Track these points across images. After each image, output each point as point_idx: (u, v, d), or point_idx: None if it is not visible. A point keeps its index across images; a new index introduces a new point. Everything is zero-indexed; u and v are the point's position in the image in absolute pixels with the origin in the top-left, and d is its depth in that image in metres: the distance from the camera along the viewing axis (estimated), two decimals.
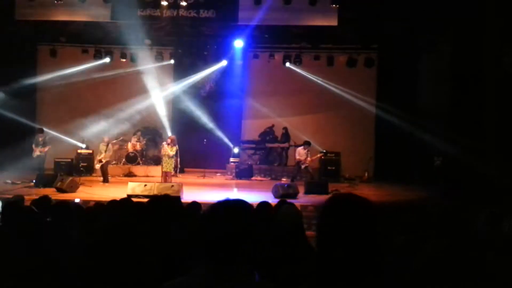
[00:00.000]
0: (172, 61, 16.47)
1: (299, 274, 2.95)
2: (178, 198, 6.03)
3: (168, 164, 13.03)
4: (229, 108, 16.55)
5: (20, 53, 15.72)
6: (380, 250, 1.59)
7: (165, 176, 13.10)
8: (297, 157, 14.04)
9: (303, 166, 13.92)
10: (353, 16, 12.95)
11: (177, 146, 13.16)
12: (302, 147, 14.12)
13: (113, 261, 2.76)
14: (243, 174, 15.29)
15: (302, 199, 10.92)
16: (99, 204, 5.30)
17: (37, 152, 13.30)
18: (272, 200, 6.62)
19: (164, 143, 13.29)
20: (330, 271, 1.57)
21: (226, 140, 16.23)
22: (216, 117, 16.31)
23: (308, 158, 13.94)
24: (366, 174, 15.58)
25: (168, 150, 12.93)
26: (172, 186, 10.95)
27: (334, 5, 12.48)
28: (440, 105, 13.03)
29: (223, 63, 16.42)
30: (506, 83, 10.79)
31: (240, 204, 1.87)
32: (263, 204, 4.93)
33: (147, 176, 15.06)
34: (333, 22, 12.83)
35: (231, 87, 16.56)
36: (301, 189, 11.65)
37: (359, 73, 15.80)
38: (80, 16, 13.21)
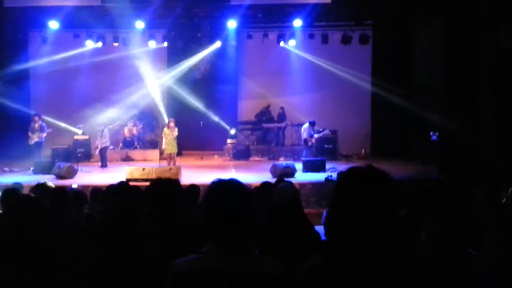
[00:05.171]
0: (165, 44, 16.29)
1: (298, 250, 2.98)
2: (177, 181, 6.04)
3: (173, 146, 13.20)
4: (225, 90, 16.45)
5: (12, 39, 15.53)
6: (398, 225, 1.54)
7: (170, 158, 13.20)
8: (305, 136, 13.72)
9: (309, 144, 13.67)
10: None
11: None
12: (308, 125, 13.71)
13: (115, 245, 2.77)
14: (241, 155, 15.31)
15: (300, 178, 11.03)
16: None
17: (35, 138, 13.09)
18: (271, 180, 6.63)
19: (171, 125, 13.28)
20: (344, 247, 1.52)
21: (222, 121, 16.19)
22: (212, 98, 16.28)
23: (315, 136, 13.70)
24: (363, 151, 15.64)
25: (173, 132, 13.08)
26: (171, 169, 10.96)
27: None
28: (436, 80, 13.01)
29: (217, 44, 16.27)
30: (501, 58, 10.75)
31: (233, 183, 2.00)
32: (266, 184, 4.95)
33: (145, 160, 15.09)
34: None
35: (226, 69, 16.44)
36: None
37: (354, 50, 15.67)
38: (70, 1, 13.00)
